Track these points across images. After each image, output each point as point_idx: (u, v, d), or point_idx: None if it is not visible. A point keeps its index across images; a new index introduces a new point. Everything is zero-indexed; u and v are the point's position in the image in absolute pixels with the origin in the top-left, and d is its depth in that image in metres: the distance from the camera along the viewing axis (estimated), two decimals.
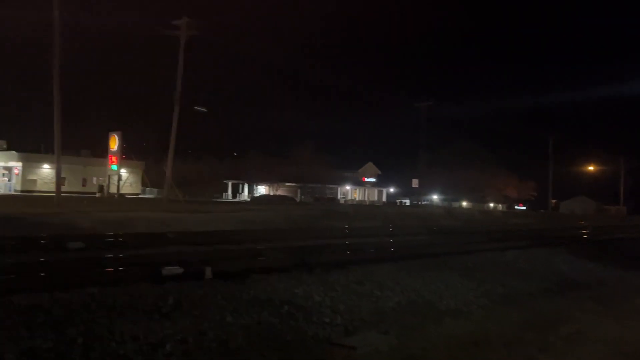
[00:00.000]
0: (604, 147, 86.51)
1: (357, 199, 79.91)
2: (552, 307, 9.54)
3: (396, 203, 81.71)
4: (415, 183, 71.14)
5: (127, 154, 49.55)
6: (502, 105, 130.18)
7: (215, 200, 56.72)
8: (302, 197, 71.54)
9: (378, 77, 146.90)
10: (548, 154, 71.22)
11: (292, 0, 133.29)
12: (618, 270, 14.55)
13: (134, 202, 37.20)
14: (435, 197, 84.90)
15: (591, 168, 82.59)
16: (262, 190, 75.07)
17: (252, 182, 73.15)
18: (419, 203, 75.75)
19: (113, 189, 49.24)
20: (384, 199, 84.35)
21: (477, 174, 76.12)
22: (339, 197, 77.46)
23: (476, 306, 9.14)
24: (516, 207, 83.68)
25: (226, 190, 72.54)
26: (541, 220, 47.86)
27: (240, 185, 74.72)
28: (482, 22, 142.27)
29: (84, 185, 53.31)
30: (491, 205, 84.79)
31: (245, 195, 72.81)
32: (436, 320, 8.06)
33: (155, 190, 55.66)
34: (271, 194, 71.07)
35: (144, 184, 57.84)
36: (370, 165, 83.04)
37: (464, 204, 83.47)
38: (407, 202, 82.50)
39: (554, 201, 78.24)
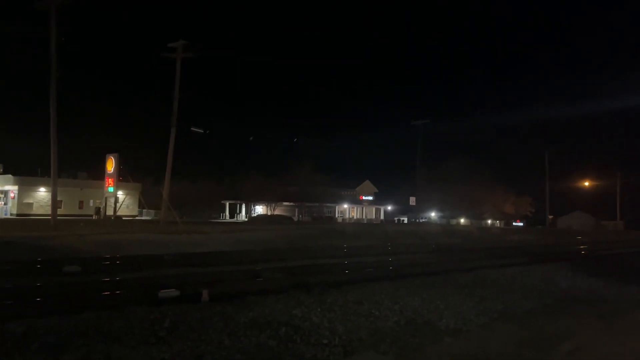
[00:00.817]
0: (601, 163, 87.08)
1: (354, 217, 79.81)
2: (552, 324, 9.46)
3: (394, 221, 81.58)
4: (412, 201, 71.15)
5: (124, 176, 49.39)
6: (498, 121, 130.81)
7: (212, 220, 56.58)
8: (300, 216, 71.40)
9: (374, 95, 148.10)
10: (544, 170, 71.54)
11: (289, 19, 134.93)
12: (618, 285, 14.48)
13: (131, 224, 37.08)
14: (433, 215, 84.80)
15: (587, 183, 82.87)
16: (259, 210, 74.95)
17: (250, 202, 73.04)
18: (417, 220, 75.66)
19: (110, 211, 49.03)
20: (382, 217, 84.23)
21: (474, 191, 76.14)
22: (336, 215, 77.35)
23: (476, 324, 9.05)
24: (514, 224, 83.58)
25: (224, 211, 72.40)
26: (539, 237, 47.77)
27: (238, 206, 74.57)
28: (477, 39, 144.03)
29: (80, 207, 53.16)
30: (489, 221, 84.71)
31: (242, 216, 72.65)
32: (435, 339, 7.98)
33: (152, 211, 55.53)
34: (269, 213, 70.91)
35: (140, 206, 57.67)
36: (367, 184, 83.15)
37: (462, 220, 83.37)
38: (405, 219, 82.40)
39: (551, 217, 78.22)
